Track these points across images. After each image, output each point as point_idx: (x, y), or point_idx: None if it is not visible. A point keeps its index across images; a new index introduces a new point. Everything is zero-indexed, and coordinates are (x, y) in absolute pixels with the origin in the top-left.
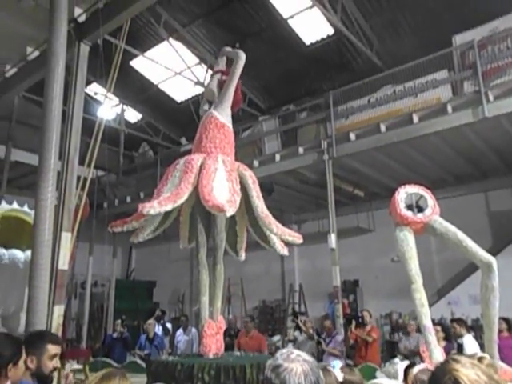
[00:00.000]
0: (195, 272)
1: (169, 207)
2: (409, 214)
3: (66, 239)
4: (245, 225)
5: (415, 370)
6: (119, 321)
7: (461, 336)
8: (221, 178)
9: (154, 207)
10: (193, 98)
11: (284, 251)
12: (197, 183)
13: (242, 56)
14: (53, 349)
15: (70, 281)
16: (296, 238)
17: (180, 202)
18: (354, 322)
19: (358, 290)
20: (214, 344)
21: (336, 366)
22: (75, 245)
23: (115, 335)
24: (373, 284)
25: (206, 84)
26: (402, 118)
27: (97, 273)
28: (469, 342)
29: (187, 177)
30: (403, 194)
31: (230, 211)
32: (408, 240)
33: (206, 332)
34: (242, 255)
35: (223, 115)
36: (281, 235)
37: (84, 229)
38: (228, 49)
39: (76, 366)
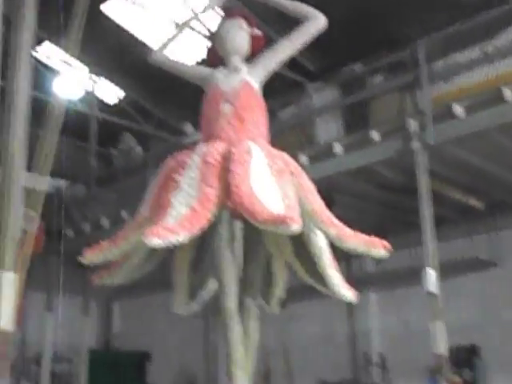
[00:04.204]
0: (213, 336)
1: (186, 236)
2: None
3: (9, 283)
4: (284, 260)
5: None
6: None
7: None
8: (263, 177)
9: (162, 236)
10: (204, 61)
11: (350, 295)
12: (225, 186)
13: (322, 20)
14: None
15: (18, 353)
16: (348, 294)
17: (204, 225)
18: None
19: (477, 362)
20: None
21: None
22: (23, 295)
23: None
24: (502, 351)
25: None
26: None
27: (60, 340)
28: None
29: (209, 177)
30: None
31: (295, 226)
32: None
33: None
34: (276, 306)
35: (259, 89)
36: (334, 287)
37: (38, 270)
38: None
39: None
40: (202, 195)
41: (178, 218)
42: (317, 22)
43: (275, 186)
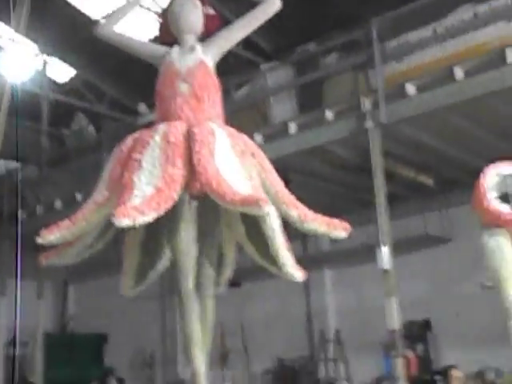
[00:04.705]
0: (170, 316)
1: (153, 216)
2: (503, 208)
3: None
4: (235, 241)
5: None
6: None
7: None
8: (227, 158)
9: (132, 216)
10: (157, 38)
11: (299, 276)
12: (189, 167)
13: (277, 1)
14: None
15: None
16: (297, 274)
17: (169, 206)
18: None
19: (429, 336)
20: None
21: None
22: None
23: None
24: (453, 325)
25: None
26: (489, 56)
27: (13, 324)
28: None
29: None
30: (494, 176)
31: (267, 207)
32: (503, 250)
33: None
34: (224, 287)
35: (213, 68)
36: (284, 267)
37: None
38: None
39: None
40: (166, 175)
41: (143, 198)
42: (272, 4)
43: (240, 167)
